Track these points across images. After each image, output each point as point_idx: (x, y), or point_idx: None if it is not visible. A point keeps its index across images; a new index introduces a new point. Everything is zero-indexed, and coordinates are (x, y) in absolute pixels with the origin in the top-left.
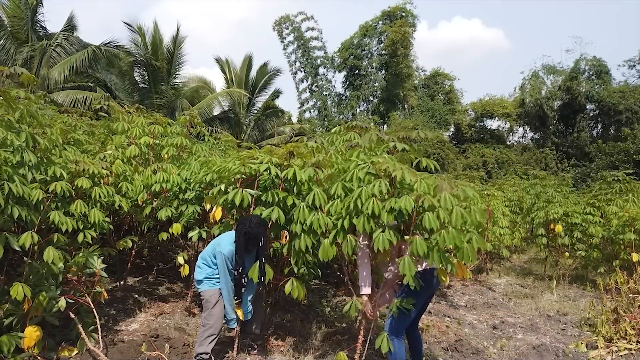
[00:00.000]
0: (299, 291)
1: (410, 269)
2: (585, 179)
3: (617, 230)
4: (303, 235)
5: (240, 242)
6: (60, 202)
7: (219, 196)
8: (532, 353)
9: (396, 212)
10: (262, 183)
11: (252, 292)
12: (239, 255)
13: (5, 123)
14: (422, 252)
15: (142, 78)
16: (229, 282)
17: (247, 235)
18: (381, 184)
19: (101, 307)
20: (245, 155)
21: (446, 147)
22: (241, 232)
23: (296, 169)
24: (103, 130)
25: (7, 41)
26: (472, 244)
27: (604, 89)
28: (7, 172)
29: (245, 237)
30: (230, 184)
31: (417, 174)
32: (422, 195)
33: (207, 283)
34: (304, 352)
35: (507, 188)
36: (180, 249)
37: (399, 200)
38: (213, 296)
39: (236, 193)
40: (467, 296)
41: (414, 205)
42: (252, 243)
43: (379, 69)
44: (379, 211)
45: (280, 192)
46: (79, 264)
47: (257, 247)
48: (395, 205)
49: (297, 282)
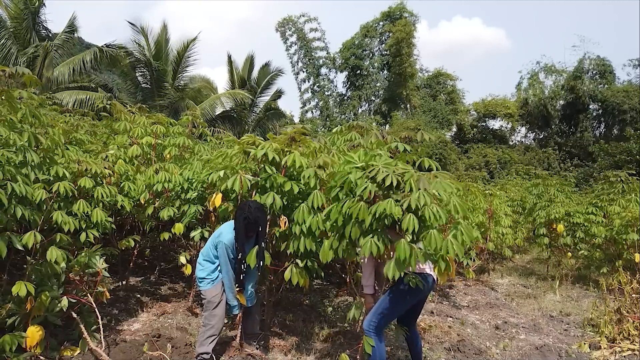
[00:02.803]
0: (299, 278)
1: (394, 272)
2: (588, 179)
3: (620, 231)
4: (302, 238)
5: (240, 228)
6: (63, 202)
7: (219, 183)
8: (535, 353)
9: (381, 217)
10: (261, 169)
11: (253, 279)
12: (239, 242)
13: (8, 123)
14: (403, 256)
15: (145, 79)
16: (230, 271)
17: (246, 220)
18: (371, 187)
19: (103, 306)
20: (245, 141)
21: (448, 148)
22: (240, 217)
23: (296, 155)
24: (105, 130)
25: (9, 41)
26: (456, 239)
27: (608, 89)
28: (10, 172)
29: (245, 222)
30: (232, 172)
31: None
32: (406, 197)
33: (209, 280)
34: (306, 352)
35: (510, 188)
36: (182, 249)
37: (382, 203)
38: (216, 296)
39: (235, 179)
40: (470, 296)
41: (399, 209)
42: (252, 228)
43: (381, 69)
44: (363, 216)
45: (280, 177)
46: (82, 264)
47: (256, 233)
48: (380, 209)
49: (297, 270)
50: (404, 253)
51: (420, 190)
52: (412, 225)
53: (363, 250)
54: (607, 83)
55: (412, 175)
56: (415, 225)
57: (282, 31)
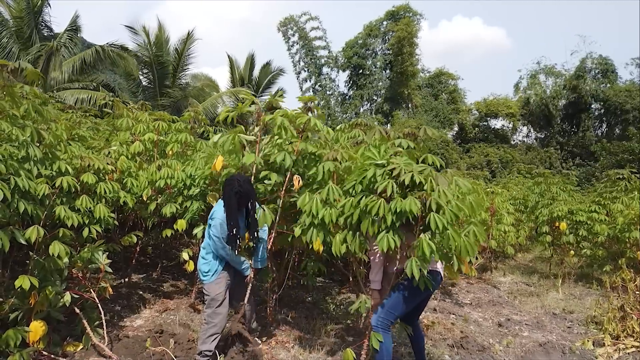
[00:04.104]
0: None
1: (415, 270)
2: (590, 178)
3: (623, 229)
4: (312, 229)
5: (232, 202)
6: (66, 197)
7: (220, 147)
8: (539, 350)
9: (401, 214)
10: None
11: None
12: (231, 217)
13: (11, 118)
14: (427, 253)
15: (146, 78)
16: (226, 247)
17: (238, 193)
18: (391, 187)
19: (106, 303)
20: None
21: (450, 147)
22: (231, 192)
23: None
24: (107, 127)
25: (10, 40)
26: (469, 238)
27: (610, 88)
28: (13, 167)
29: (237, 195)
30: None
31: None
32: (428, 195)
33: (212, 272)
34: (309, 349)
35: (512, 187)
36: (184, 247)
37: (405, 202)
38: (219, 294)
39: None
40: (472, 294)
41: (419, 207)
42: (244, 201)
43: (383, 69)
44: (383, 212)
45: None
46: (84, 259)
47: (246, 207)
48: (400, 207)
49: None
50: (427, 250)
51: (439, 189)
52: (440, 224)
53: (380, 245)
54: (609, 82)
55: (430, 173)
56: (444, 224)
57: (284, 31)
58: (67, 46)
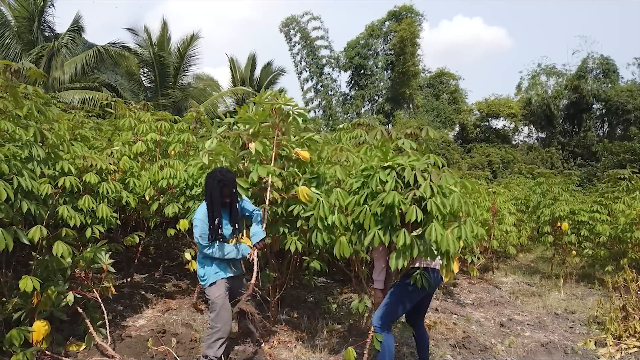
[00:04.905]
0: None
1: (394, 262)
2: (592, 178)
3: (625, 229)
4: (316, 232)
5: (215, 193)
6: (69, 197)
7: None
8: (541, 350)
9: (389, 207)
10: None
11: (257, 221)
12: (215, 209)
13: (14, 118)
14: (402, 243)
15: (148, 78)
16: (211, 247)
17: (221, 183)
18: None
19: (108, 303)
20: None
21: (451, 147)
22: (214, 182)
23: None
24: (109, 127)
25: (13, 41)
26: (453, 233)
27: (612, 88)
28: (16, 166)
29: (220, 185)
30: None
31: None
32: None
33: (209, 275)
34: (311, 349)
35: (514, 187)
36: (186, 247)
37: (388, 195)
38: (219, 297)
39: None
40: (474, 294)
41: (398, 200)
42: (228, 191)
43: (385, 69)
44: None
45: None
46: (87, 259)
47: (229, 199)
48: (386, 199)
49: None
50: (402, 241)
51: (427, 182)
52: (415, 216)
53: (366, 241)
54: (610, 82)
55: (428, 170)
56: (419, 216)
57: (286, 31)
58: (68, 47)
